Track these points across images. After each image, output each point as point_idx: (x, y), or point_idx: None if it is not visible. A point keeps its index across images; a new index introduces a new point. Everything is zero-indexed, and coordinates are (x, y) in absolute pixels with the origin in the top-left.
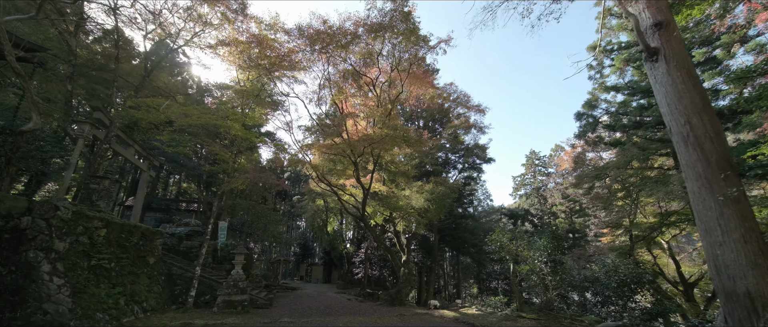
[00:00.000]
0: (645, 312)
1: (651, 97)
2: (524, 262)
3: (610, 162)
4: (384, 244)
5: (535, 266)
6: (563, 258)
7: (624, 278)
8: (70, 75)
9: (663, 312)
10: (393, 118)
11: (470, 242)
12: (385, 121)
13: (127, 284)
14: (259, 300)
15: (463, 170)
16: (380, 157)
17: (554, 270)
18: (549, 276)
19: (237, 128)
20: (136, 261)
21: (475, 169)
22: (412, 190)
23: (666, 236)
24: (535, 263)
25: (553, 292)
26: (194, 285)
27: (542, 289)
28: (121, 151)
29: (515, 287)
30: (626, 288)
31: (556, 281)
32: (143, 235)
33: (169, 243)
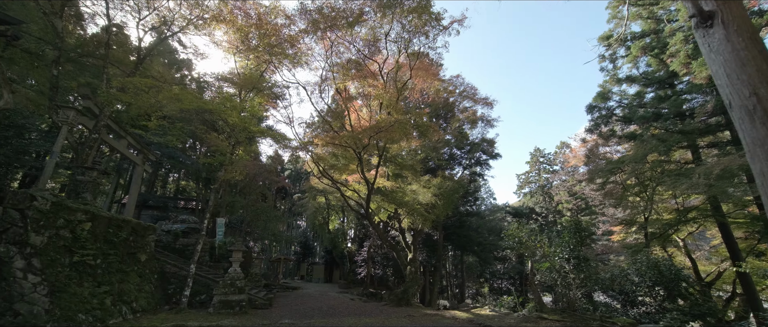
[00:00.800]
0: (686, 313)
1: (668, 88)
2: (544, 258)
3: (625, 155)
4: (389, 242)
5: (555, 263)
6: (588, 254)
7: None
8: (55, 59)
9: (703, 314)
10: (399, 109)
11: (475, 241)
12: (395, 105)
13: (114, 283)
14: (258, 300)
15: (469, 166)
16: (386, 150)
17: (578, 267)
18: (572, 273)
19: (234, 116)
20: (126, 258)
21: (482, 164)
22: (418, 184)
23: (682, 234)
24: (556, 260)
25: (577, 291)
26: (189, 284)
27: (564, 288)
28: (112, 142)
29: (533, 286)
30: (662, 287)
31: (581, 279)
32: (134, 231)
33: (165, 240)
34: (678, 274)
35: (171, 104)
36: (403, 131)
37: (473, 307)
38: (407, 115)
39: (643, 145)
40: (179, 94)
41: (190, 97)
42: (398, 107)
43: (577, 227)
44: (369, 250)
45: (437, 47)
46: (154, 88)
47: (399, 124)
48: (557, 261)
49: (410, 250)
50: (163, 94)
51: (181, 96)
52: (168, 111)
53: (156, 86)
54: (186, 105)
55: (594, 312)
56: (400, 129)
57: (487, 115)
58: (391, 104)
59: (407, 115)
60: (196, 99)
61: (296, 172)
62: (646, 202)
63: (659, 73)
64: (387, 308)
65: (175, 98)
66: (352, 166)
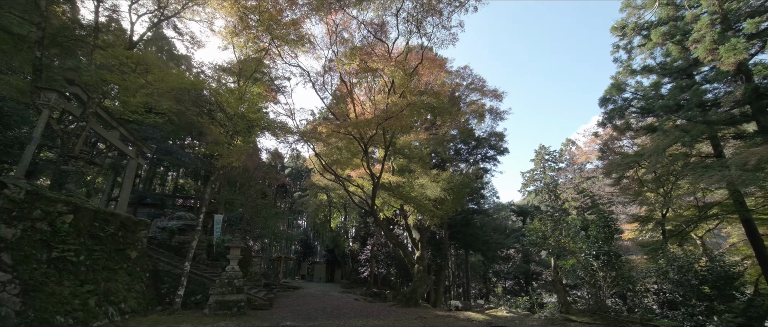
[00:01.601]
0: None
1: (686, 78)
2: (571, 255)
3: (644, 148)
4: (395, 240)
5: (581, 260)
6: (618, 250)
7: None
8: (39, 40)
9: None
10: (412, 90)
11: (481, 239)
12: (408, 85)
13: (100, 281)
14: (258, 300)
15: (476, 162)
16: (393, 142)
17: (608, 264)
18: (600, 271)
19: (232, 102)
20: (114, 255)
21: (490, 160)
22: (427, 177)
23: (700, 231)
24: (582, 257)
25: (607, 290)
26: (183, 283)
27: (593, 288)
28: (103, 133)
29: (558, 285)
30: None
31: (612, 278)
32: (123, 225)
33: (160, 238)
34: (729, 272)
35: (159, 84)
36: (417, 114)
37: (487, 308)
38: (422, 96)
39: (665, 136)
40: (167, 75)
41: (179, 77)
42: (411, 88)
43: (605, 222)
44: (372, 248)
45: (452, 27)
46: (142, 65)
47: (413, 108)
48: (583, 258)
49: (417, 247)
50: (153, 76)
51: (170, 76)
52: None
53: (143, 63)
54: (175, 84)
55: (631, 313)
56: (414, 112)
57: (496, 108)
58: (404, 84)
59: (422, 97)
60: (186, 79)
61: (297, 170)
62: (663, 197)
63: (677, 62)
64: (395, 309)
65: (163, 78)
66: (356, 160)
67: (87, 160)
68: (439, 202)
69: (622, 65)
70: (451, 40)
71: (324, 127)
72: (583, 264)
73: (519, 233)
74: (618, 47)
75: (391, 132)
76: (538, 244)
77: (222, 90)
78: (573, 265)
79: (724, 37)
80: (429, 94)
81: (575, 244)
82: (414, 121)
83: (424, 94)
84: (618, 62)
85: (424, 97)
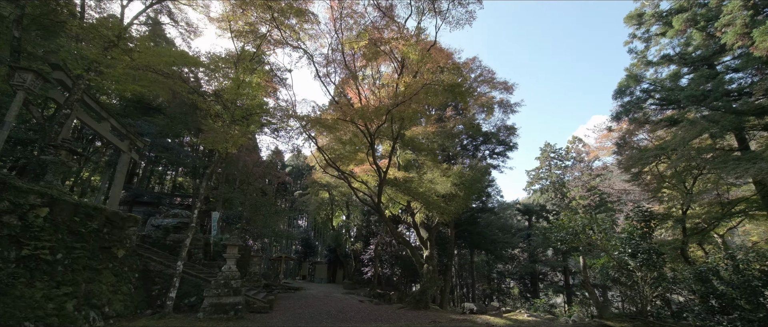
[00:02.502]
0: None
1: (706, 67)
2: (601, 253)
3: (666, 141)
4: (402, 238)
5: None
6: (661, 248)
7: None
8: (18, 19)
9: None
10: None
11: (488, 238)
12: (424, 62)
13: (80, 283)
14: (257, 302)
15: (483, 158)
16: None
17: (648, 263)
18: (638, 271)
19: (230, 88)
20: (98, 253)
21: (499, 155)
22: (438, 171)
23: (721, 229)
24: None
25: (649, 292)
26: (175, 284)
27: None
28: (92, 124)
29: (590, 287)
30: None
31: (653, 278)
32: (109, 221)
33: (154, 236)
34: None
35: (144, 58)
36: (433, 96)
37: (505, 311)
38: (442, 72)
39: (691, 127)
40: (154, 50)
41: (165, 51)
42: (427, 67)
43: (642, 216)
44: (376, 248)
45: (469, 3)
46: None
47: (429, 89)
48: (618, 256)
49: (426, 246)
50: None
51: (156, 51)
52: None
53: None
54: (160, 59)
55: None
56: (431, 95)
57: (506, 100)
58: (420, 61)
59: (441, 74)
60: (173, 52)
61: (297, 169)
62: (684, 194)
63: (698, 52)
64: (404, 312)
65: (148, 52)
66: (361, 154)
67: (70, 150)
68: (450, 197)
69: (636, 56)
70: (467, 18)
71: (328, 114)
72: (617, 263)
73: (524, 233)
74: (634, 37)
75: (399, 122)
76: (568, 242)
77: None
78: (604, 265)
79: (756, 21)
80: (449, 71)
81: (608, 241)
82: (430, 105)
83: (443, 71)
84: (632, 53)
85: (444, 75)
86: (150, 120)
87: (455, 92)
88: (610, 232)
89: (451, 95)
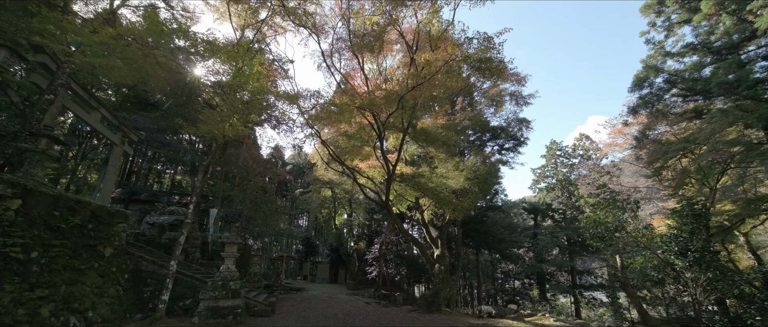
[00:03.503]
0: None
1: (728, 56)
2: (646, 250)
3: (692, 133)
4: (412, 237)
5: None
6: (714, 244)
7: None
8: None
9: None
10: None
11: (497, 237)
12: (445, 33)
13: (59, 285)
14: (258, 305)
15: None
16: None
17: (701, 262)
18: (688, 272)
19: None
20: (81, 252)
21: (510, 151)
22: (451, 164)
23: (745, 227)
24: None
25: (702, 296)
26: (168, 286)
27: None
28: (80, 113)
29: (630, 290)
30: None
31: (706, 280)
32: (94, 216)
33: (149, 234)
34: None
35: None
36: (455, 77)
37: (527, 316)
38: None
39: (722, 118)
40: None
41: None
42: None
43: (692, 210)
44: (381, 247)
45: None
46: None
47: (451, 69)
48: (662, 255)
49: (436, 245)
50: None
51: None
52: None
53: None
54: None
55: None
56: (452, 76)
57: (518, 92)
58: (443, 35)
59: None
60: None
61: (298, 167)
62: (710, 189)
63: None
64: (416, 316)
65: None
66: (367, 148)
67: (50, 138)
68: (461, 194)
69: (654, 47)
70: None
71: (337, 97)
72: (662, 261)
73: (530, 232)
74: (653, 25)
75: (410, 111)
76: (604, 239)
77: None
78: (643, 264)
79: None
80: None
81: (651, 239)
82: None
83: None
84: (650, 44)
85: (473, 50)
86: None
87: (484, 69)
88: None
89: (478, 73)
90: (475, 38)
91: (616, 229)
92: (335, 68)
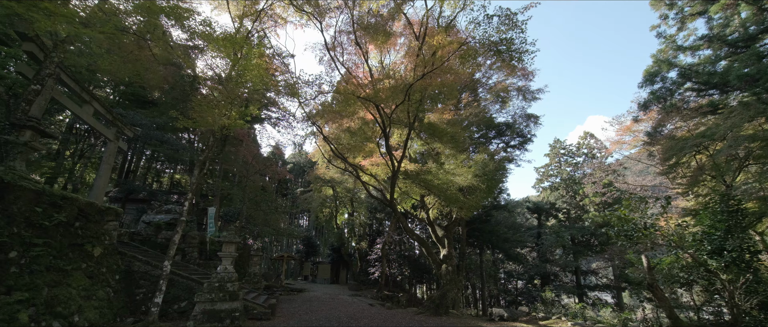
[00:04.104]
0: None
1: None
2: (678, 249)
3: (709, 128)
4: (418, 236)
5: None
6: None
7: None
8: None
9: None
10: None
11: (502, 237)
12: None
13: (41, 287)
14: (257, 307)
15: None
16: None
17: (738, 263)
18: (724, 273)
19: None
20: (67, 251)
21: (516, 148)
22: (459, 161)
23: (761, 226)
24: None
25: (742, 300)
26: (161, 287)
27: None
28: (71, 106)
29: (659, 292)
30: None
31: (746, 282)
32: (82, 213)
33: (145, 233)
34: None
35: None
36: (472, 60)
37: (542, 319)
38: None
39: (744, 111)
40: None
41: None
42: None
43: (727, 206)
44: (383, 247)
45: None
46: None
47: (468, 51)
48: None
49: (442, 245)
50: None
51: None
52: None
53: None
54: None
55: None
56: (469, 57)
57: (526, 86)
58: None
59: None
60: None
61: (299, 166)
62: (726, 187)
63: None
64: (424, 319)
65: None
66: (370, 145)
67: (35, 129)
68: (468, 191)
69: (665, 41)
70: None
71: (341, 86)
72: (694, 262)
73: (534, 231)
74: (665, 18)
75: (417, 104)
76: (632, 238)
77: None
78: (671, 264)
79: None
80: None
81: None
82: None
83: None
84: (661, 37)
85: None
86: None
87: (504, 52)
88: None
89: (497, 57)
90: (496, 15)
91: (645, 226)
92: (338, 61)
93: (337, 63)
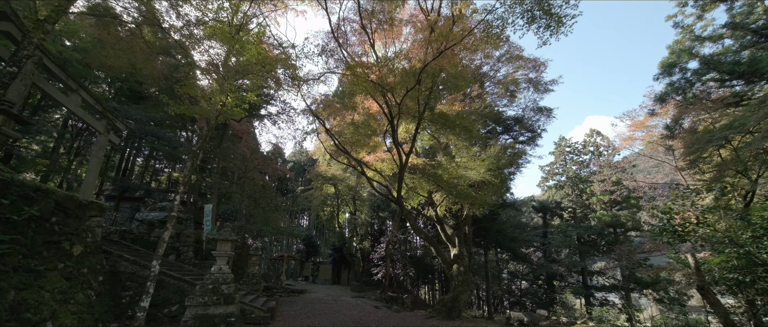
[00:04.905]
0: None
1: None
2: (734, 246)
3: (735, 120)
4: (427, 235)
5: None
6: None
7: None
8: None
9: None
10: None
11: (509, 236)
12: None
13: (7, 290)
14: (255, 311)
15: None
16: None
17: None
18: None
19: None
20: (40, 249)
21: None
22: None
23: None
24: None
25: None
26: (148, 290)
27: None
28: (56, 95)
29: (712, 295)
30: None
31: None
32: (60, 208)
33: (137, 231)
34: None
35: None
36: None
37: (567, 324)
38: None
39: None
40: None
41: None
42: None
43: None
44: (387, 247)
45: None
46: None
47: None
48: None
49: (452, 244)
50: None
51: None
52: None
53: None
54: None
55: None
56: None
57: (538, 78)
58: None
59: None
60: None
61: (299, 164)
62: (751, 182)
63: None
64: (437, 323)
65: None
66: (375, 139)
67: (7, 113)
68: (479, 187)
69: (682, 31)
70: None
71: (348, 70)
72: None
73: (540, 230)
74: (684, 4)
75: (427, 92)
76: (679, 235)
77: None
78: (721, 263)
79: None
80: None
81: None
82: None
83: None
84: (678, 27)
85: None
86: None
87: (538, 17)
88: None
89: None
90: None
91: (697, 221)
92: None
93: (342, 50)
